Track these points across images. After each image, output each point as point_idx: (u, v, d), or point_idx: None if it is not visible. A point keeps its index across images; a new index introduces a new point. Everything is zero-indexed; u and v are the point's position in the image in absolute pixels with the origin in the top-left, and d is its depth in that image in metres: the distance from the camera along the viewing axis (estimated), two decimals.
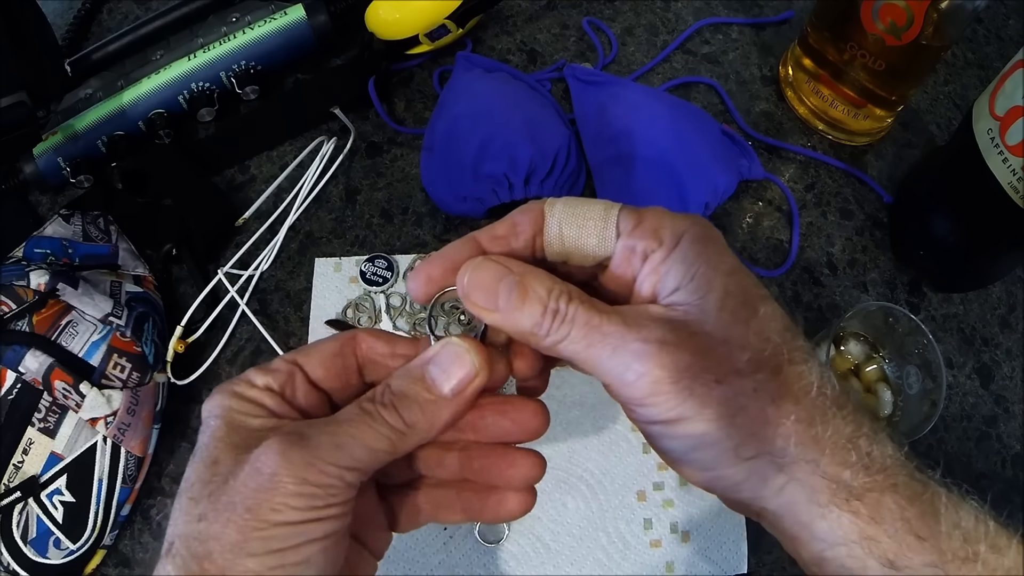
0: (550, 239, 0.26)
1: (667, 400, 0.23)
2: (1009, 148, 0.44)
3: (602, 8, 0.67)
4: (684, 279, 0.24)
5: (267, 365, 0.27)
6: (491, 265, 0.25)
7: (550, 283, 0.25)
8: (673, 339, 0.23)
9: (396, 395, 0.25)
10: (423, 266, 0.26)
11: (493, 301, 0.25)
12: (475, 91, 0.56)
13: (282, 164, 0.58)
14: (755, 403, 0.23)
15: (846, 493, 0.23)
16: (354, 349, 0.28)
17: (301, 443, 0.23)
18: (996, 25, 0.69)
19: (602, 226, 0.25)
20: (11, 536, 0.43)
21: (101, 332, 0.45)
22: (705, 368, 0.23)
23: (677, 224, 0.25)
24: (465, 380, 0.25)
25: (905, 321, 0.48)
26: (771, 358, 0.24)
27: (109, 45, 0.59)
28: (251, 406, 0.25)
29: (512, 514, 0.28)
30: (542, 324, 0.24)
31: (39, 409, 0.43)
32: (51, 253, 0.48)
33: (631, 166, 0.54)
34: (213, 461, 0.24)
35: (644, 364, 0.23)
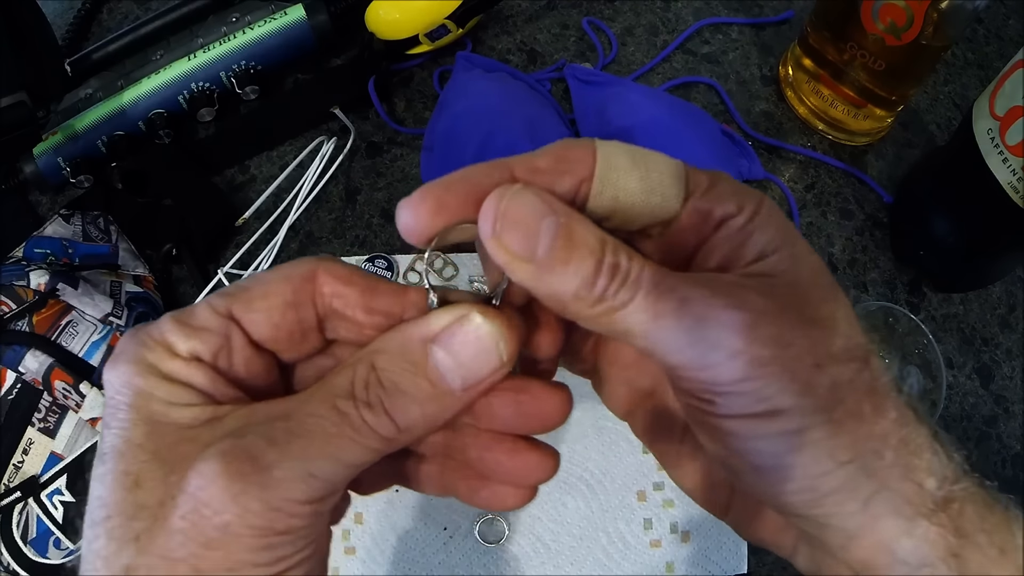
0: (603, 190, 0.19)
1: (765, 386, 0.18)
2: (1009, 148, 0.44)
3: (602, 8, 0.67)
4: (769, 246, 0.19)
5: (191, 318, 0.19)
6: (533, 197, 0.18)
7: (601, 233, 0.18)
8: (772, 308, 0.18)
9: (386, 389, 0.18)
10: (433, 188, 0.19)
11: (531, 246, 0.18)
12: (475, 91, 0.56)
13: (282, 164, 0.58)
14: (852, 395, 0.19)
15: (932, 503, 0.19)
16: (313, 296, 0.20)
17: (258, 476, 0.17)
18: (996, 25, 0.69)
19: (669, 180, 0.20)
20: (11, 536, 0.43)
21: (101, 332, 0.45)
22: (807, 348, 0.18)
23: (753, 192, 0.20)
24: (484, 375, 0.19)
25: (905, 321, 0.48)
26: (860, 347, 0.19)
27: (109, 45, 0.59)
28: (174, 388, 0.18)
29: (507, 508, 0.22)
30: (595, 284, 0.18)
31: (39, 409, 0.43)
32: (51, 253, 0.48)
33: None
34: (134, 482, 0.17)
35: (742, 338, 0.18)
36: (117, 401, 0.18)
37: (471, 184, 0.19)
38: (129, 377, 0.18)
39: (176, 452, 0.18)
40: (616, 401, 0.25)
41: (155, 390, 0.18)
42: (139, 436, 0.18)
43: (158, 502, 0.17)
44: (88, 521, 0.18)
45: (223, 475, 0.17)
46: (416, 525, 0.47)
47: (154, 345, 0.19)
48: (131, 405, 0.18)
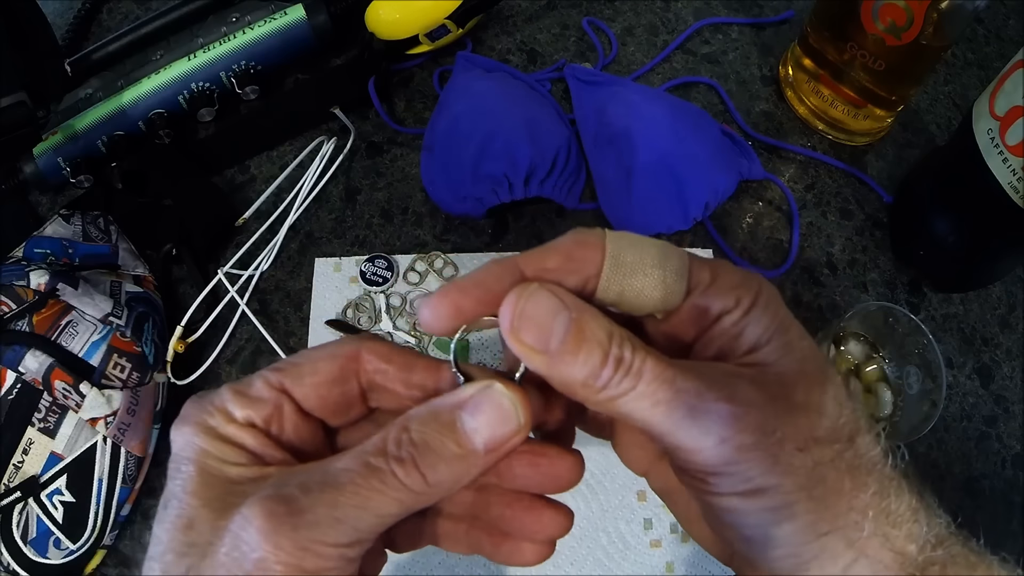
0: (608, 286, 0.22)
1: (749, 468, 0.20)
2: (1009, 148, 0.44)
3: (602, 8, 0.67)
4: (762, 339, 0.22)
5: (248, 389, 0.22)
6: (547, 296, 0.21)
7: (609, 326, 0.21)
8: (760, 400, 0.21)
9: (418, 447, 0.20)
10: (450, 292, 0.22)
11: (545, 341, 0.20)
12: (475, 91, 0.56)
13: (282, 164, 0.58)
14: (833, 474, 0.21)
15: (912, 567, 0.21)
16: (357, 371, 0.23)
17: (291, 518, 0.19)
18: (996, 25, 0.69)
19: (672, 280, 0.22)
20: (11, 536, 0.43)
21: (101, 332, 0.45)
22: (788, 434, 0.21)
23: (751, 284, 0.23)
24: (504, 436, 0.21)
25: (905, 321, 0.48)
26: (846, 426, 0.22)
27: (109, 45, 0.59)
28: (229, 449, 0.21)
29: (526, 564, 0.25)
30: (600, 374, 0.20)
31: (39, 409, 0.43)
32: (51, 253, 0.48)
33: (631, 166, 0.54)
34: (187, 524, 0.20)
35: (729, 427, 0.20)
36: (180, 457, 0.21)
37: (485, 289, 0.22)
38: (191, 437, 0.21)
39: (225, 501, 0.20)
40: (632, 462, 0.28)
41: (212, 449, 0.21)
42: (194, 487, 0.20)
43: (207, 541, 0.20)
44: (148, 556, 0.21)
45: (260, 516, 0.19)
46: None
47: (214, 411, 0.22)
48: (191, 460, 0.21)
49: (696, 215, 0.55)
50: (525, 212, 0.57)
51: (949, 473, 0.51)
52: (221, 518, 0.20)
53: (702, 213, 0.55)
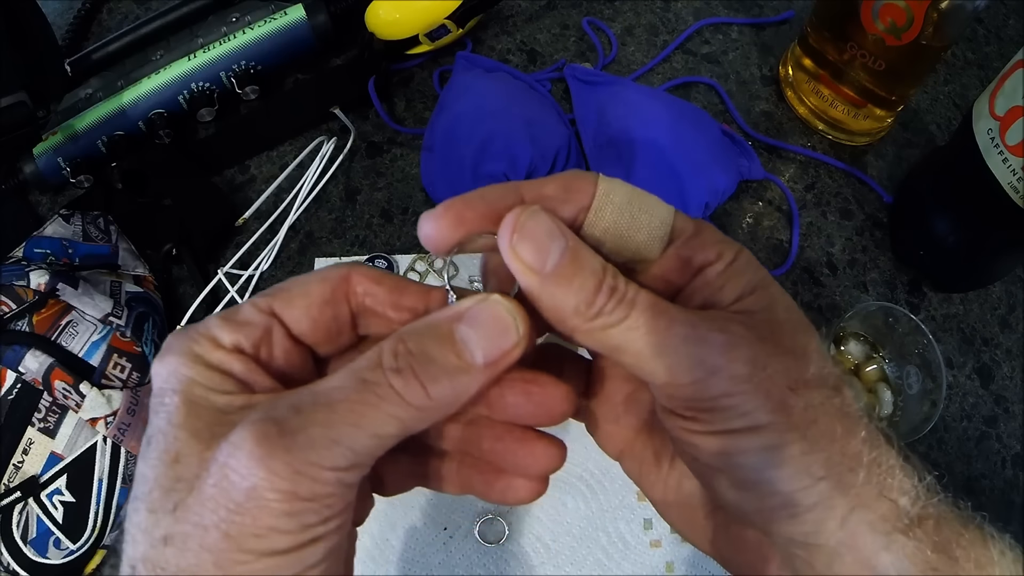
0: (596, 221, 0.22)
1: (744, 402, 0.20)
2: (1009, 148, 0.44)
3: (602, 8, 0.67)
4: (746, 291, 0.22)
5: (235, 314, 0.21)
6: (547, 219, 0.21)
7: (603, 260, 0.21)
8: (751, 336, 0.20)
9: (416, 357, 0.19)
10: (453, 205, 0.21)
11: (542, 260, 0.20)
12: (475, 91, 0.56)
13: (282, 164, 0.58)
14: (824, 417, 0.20)
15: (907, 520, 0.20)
16: (347, 294, 0.22)
17: (284, 441, 0.18)
18: (996, 25, 0.69)
19: (656, 225, 0.22)
20: (11, 536, 0.43)
21: (101, 332, 0.45)
22: (781, 372, 0.20)
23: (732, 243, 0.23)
24: (503, 349, 0.20)
25: (905, 321, 0.48)
26: (831, 376, 0.21)
27: (109, 45, 0.59)
28: (216, 375, 0.20)
29: (520, 500, 0.24)
30: (594, 301, 0.20)
31: (39, 409, 0.43)
32: (51, 253, 0.48)
33: (631, 166, 0.54)
34: (173, 458, 0.19)
35: (723, 356, 0.20)
36: (164, 389, 0.20)
37: (488, 202, 0.21)
38: (176, 367, 0.20)
39: (212, 431, 0.19)
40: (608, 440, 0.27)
41: (198, 377, 0.20)
42: (180, 418, 0.19)
43: (194, 475, 0.18)
44: (131, 497, 0.19)
45: (249, 440, 0.18)
46: (416, 525, 0.47)
47: (200, 338, 0.20)
48: (175, 391, 0.20)
49: (696, 215, 0.55)
50: None
51: (949, 473, 0.51)
52: (208, 448, 0.18)
53: (702, 213, 0.55)
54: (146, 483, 0.19)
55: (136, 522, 0.19)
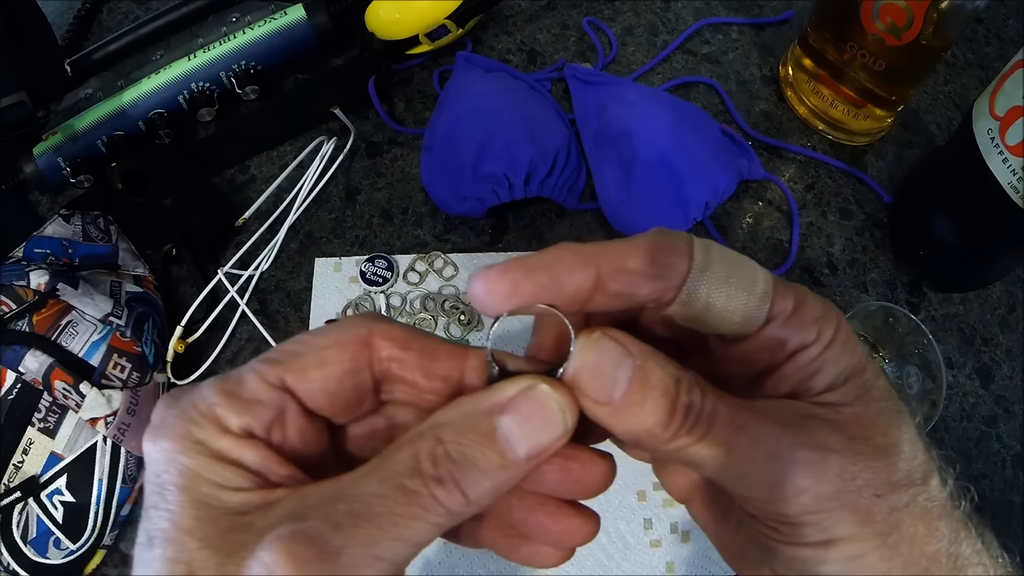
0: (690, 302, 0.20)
1: (828, 518, 0.19)
2: (1009, 148, 0.44)
3: (602, 8, 0.67)
4: (839, 379, 0.21)
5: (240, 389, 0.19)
6: (612, 347, 0.19)
7: (676, 370, 0.19)
8: (836, 445, 0.19)
9: (456, 463, 0.18)
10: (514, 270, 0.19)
11: (608, 393, 0.19)
12: (475, 91, 0.56)
13: (282, 164, 0.58)
14: (908, 519, 0.20)
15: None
16: (369, 360, 0.20)
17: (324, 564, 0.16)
18: (996, 25, 0.69)
19: (757, 303, 0.20)
20: (11, 536, 0.43)
21: (101, 332, 0.45)
22: (868, 481, 0.19)
23: (831, 316, 0.21)
24: (548, 443, 0.19)
25: (905, 321, 0.48)
26: (919, 468, 0.20)
27: (109, 45, 0.59)
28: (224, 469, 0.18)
29: (545, 567, 0.22)
30: (669, 423, 0.19)
31: (39, 409, 0.43)
32: (51, 253, 0.48)
33: (631, 166, 0.54)
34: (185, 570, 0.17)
35: (809, 476, 0.19)
36: (163, 480, 0.18)
37: (552, 276, 0.19)
38: (174, 454, 0.18)
39: (229, 540, 0.17)
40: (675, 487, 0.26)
41: (204, 471, 0.18)
42: (189, 521, 0.17)
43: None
44: None
45: (287, 563, 0.16)
46: None
47: (201, 419, 0.18)
48: (178, 486, 0.17)
49: (696, 215, 0.55)
50: (525, 212, 0.57)
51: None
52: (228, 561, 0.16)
53: (702, 213, 0.55)
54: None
55: None
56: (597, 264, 0.19)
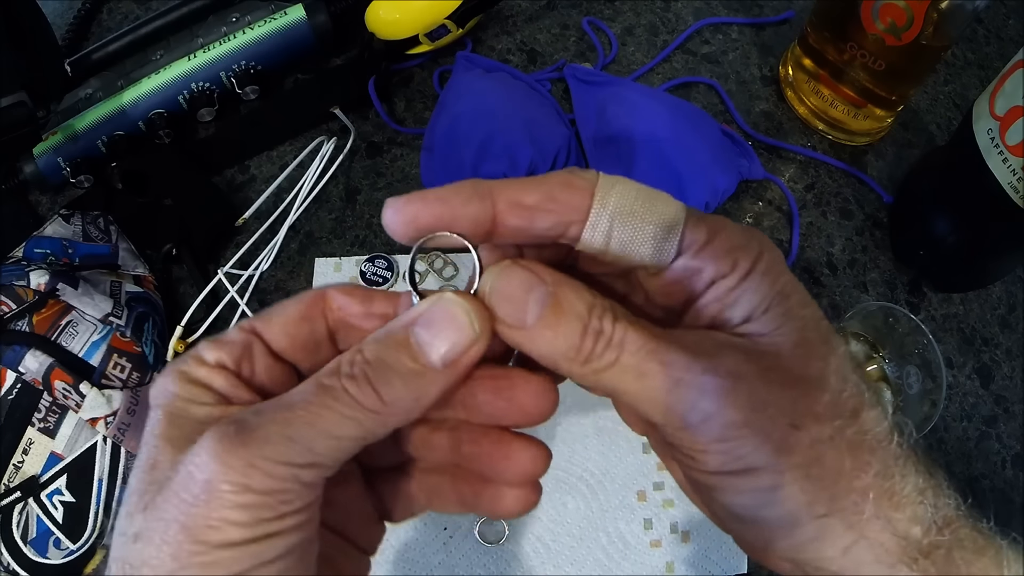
0: (593, 236, 0.21)
1: (739, 446, 0.19)
2: (1009, 148, 0.44)
3: (602, 8, 0.67)
4: (757, 309, 0.21)
5: (221, 336, 0.22)
6: (518, 271, 0.20)
7: (590, 297, 0.20)
8: (749, 373, 0.20)
9: (371, 364, 0.20)
10: (412, 202, 0.21)
11: (521, 316, 0.20)
12: (475, 91, 0.56)
13: (282, 164, 0.58)
14: (832, 452, 0.20)
15: (915, 551, 0.20)
16: (323, 310, 0.23)
17: (241, 438, 0.18)
18: (996, 25, 0.69)
19: (663, 235, 0.20)
20: (11, 536, 0.43)
21: (101, 332, 0.45)
22: (783, 410, 0.20)
23: (751, 247, 0.21)
24: (461, 346, 0.20)
25: (905, 321, 0.48)
26: (848, 400, 0.20)
27: (109, 45, 0.59)
28: (197, 390, 0.21)
29: (509, 512, 0.23)
30: (581, 347, 0.20)
31: (39, 409, 0.43)
32: (51, 253, 0.48)
33: (631, 166, 0.54)
34: (152, 465, 0.19)
35: (715, 402, 0.19)
36: (153, 406, 0.21)
37: (449, 207, 0.20)
38: (165, 385, 0.21)
39: (186, 439, 0.19)
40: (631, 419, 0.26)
41: (181, 391, 0.21)
42: (160, 428, 0.20)
43: (166, 477, 0.19)
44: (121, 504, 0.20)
45: (210, 439, 0.18)
46: (416, 525, 0.47)
47: (188, 359, 0.21)
48: (160, 405, 0.21)
49: None
50: None
51: (949, 473, 0.50)
52: (180, 452, 0.19)
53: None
54: (128, 490, 0.20)
55: (117, 524, 0.20)
56: (494, 197, 0.20)
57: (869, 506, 0.20)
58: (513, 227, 0.21)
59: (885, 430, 0.21)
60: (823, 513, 0.20)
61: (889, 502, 0.20)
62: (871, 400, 0.21)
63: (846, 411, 0.20)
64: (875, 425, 0.21)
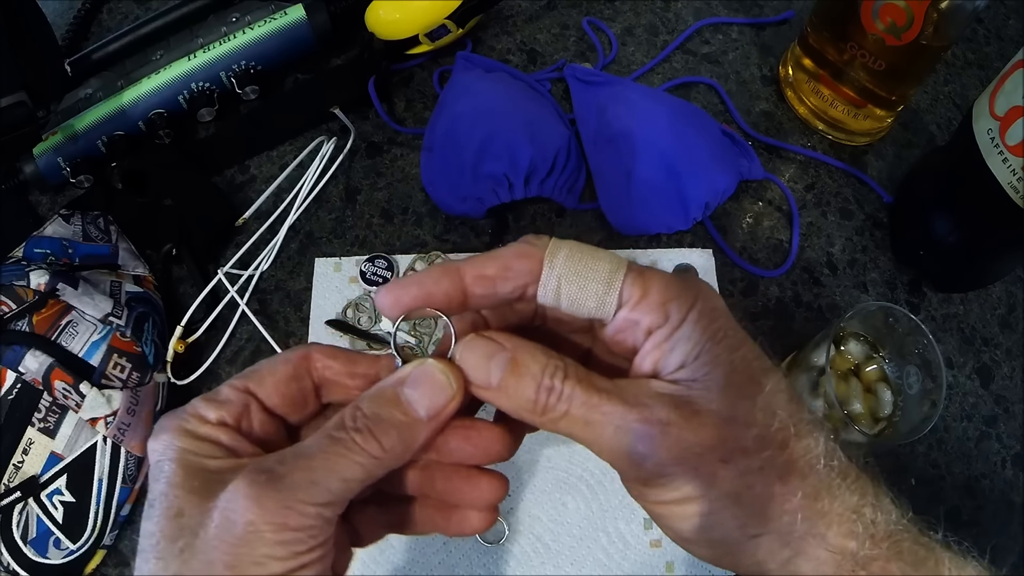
0: (545, 294, 0.24)
1: (672, 480, 0.23)
2: (1009, 148, 0.44)
3: (602, 8, 0.67)
4: (689, 357, 0.24)
5: (216, 395, 0.25)
6: (481, 343, 0.25)
7: (544, 359, 0.24)
8: (677, 419, 0.23)
9: (370, 419, 0.23)
10: (395, 288, 0.25)
11: (486, 378, 0.24)
12: (475, 91, 0.56)
13: (282, 164, 0.58)
14: (761, 480, 0.23)
15: (852, 564, 0.23)
16: (309, 370, 0.26)
17: (273, 485, 0.21)
18: (996, 25, 0.69)
19: (603, 290, 0.24)
20: (11, 536, 0.43)
21: (101, 332, 0.45)
22: (711, 448, 0.23)
23: (684, 298, 0.24)
24: (441, 403, 0.24)
25: (905, 321, 0.48)
26: (777, 433, 0.23)
27: (109, 45, 0.59)
28: (206, 445, 0.23)
29: (474, 530, 0.27)
30: (536, 401, 0.24)
31: (39, 409, 0.43)
32: (51, 253, 0.48)
33: (631, 166, 0.54)
34: (176, 513, 0.22)
35: (647, 446, 0.23)
36: (161, 460, 0.23)
37: (424, 288, 0.25)
38: (170, 440, 0.23)
39: (209, 488, 0.22)
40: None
41: (190, 446, 0.23)
42: (179, 480, 0.22)
43: (197, 523, 0.22)
44: (139, 552, 0.22)
45: (244, 485, 0.21)
46: None
47: (188, 417, 0.24)
48: (173, 459, 0.23)
49: (696, 215, 0.55)
50: (525, 212, 0.57)
51: (949, 473, 0.51)
52: (207, 500, 0.22)
53: (702, 213, 0.55)
54: (151, 537, 0.22)
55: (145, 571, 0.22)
56: (460, 275, 0.25)
57: (800, 525, 0.23)
58: (480, 295, 0.25)
59: (817, 456, 0.23)
60: (757, 533, 0.23)
61: (821, 520, 0.23)
62: (802, 430, 0.24)
63: (774, 443, 0.23)
64: (805, 453, 0.23)
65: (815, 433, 0.24)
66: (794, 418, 0.24)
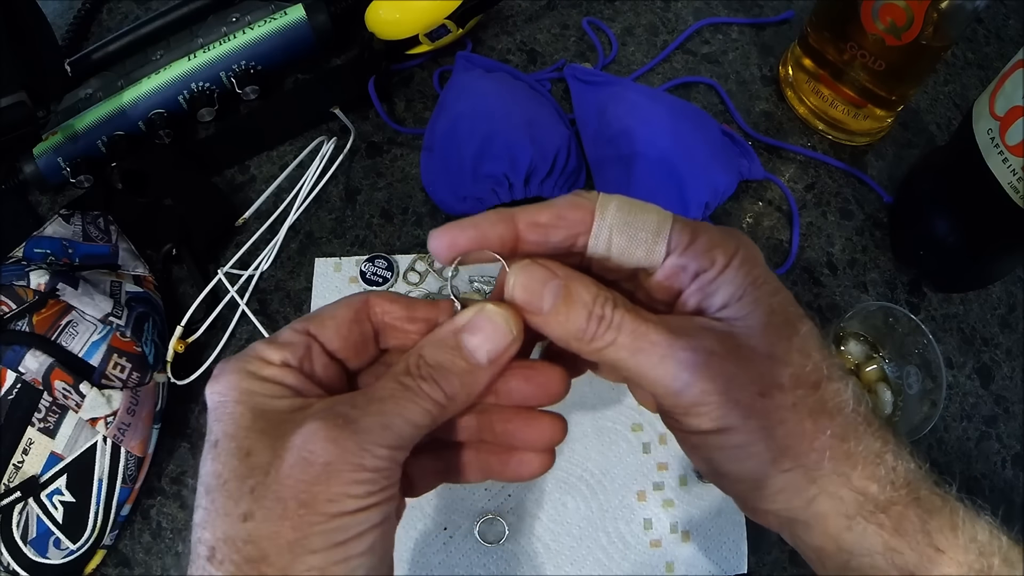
0: (597, 244, 0.25)
1: (713, 410, 0.24)
2: (1009, 148, 0.44)
3: (602, 8, 0.67)
4: (732, 298, 0.25)
5: (278, 338, 0.25)
6: (536, 268, 0.25)
7: (595, 289, 0.25)
8: (721, 350, 0.24)
9: (433, 367, 0.24)
10: (450, 230, 0.25)
11: (538, 304, 0.25)
12: (475, 91, 0.56)
13: (282, 164, 0.58)
14: (794, 417, 0.24)
15: (872, 506, 0.24)
16: (368, 314, 0.27)
17: (350, 427, 0.22)
18: (996, 25, 0.69)
19: (653, 240, 0.25)
20: (11, 536, 0.43)
21: (101, 332, 0.45)
22: (751, 380, 0.24)
23: (728, 245, 0.25)
24: (502, 347, 0.25)
25: (905, 321, 0.48)
26: (811, 374, 0.24)
27: (109, 45, 0.59)
28: (272, 386, 0.24)
29: (534, 473, 0.28)
30: (586, 329, 0.24)
31: (39, 409, 0.43)
32: (51, 253, 0.48)
33: (631, 166, 0.54)
34: (246, 453, 0.22)
35: (692, 373, 0.23)
36: (225, 400, 0.24)
37: (479, 230, 0.25)
38: (235, 382, 0.24)
39: (279, 429, 0.23)
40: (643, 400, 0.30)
41: (257, 388, 0.24)
42: (247, 421, 0.23)
43: (267, 462, 0.22)
44: (202, 491, 0.23)
45: (323, 428, 0.22)
46: (416, 525, 0.47)
47: (251, 359, 0.24)
48: (237, 400, 0.23)
49: (696, 215, 0.55)
50: None
51: (949, 473, 0.50)
52: (277, 441, 0.22)
53: (702, 213, 0.55)
54: (219, 477, 0.22)
55: (212, 508, 0.22)
56: (514, 220, 0.25)
57: (827, 463, 0.24)
58: (532, 242, 0.25)
59: (845, 400, 0.24)
60: (788, 468, 0.24)
61: (847, 461, 0.24)
62: (834, 374, 0.25)
63: (808, 383, 0.24)
64: (835, 396, 0.24)
65: (844, 379, 0.25)
66: (826, 362, 0.25)
